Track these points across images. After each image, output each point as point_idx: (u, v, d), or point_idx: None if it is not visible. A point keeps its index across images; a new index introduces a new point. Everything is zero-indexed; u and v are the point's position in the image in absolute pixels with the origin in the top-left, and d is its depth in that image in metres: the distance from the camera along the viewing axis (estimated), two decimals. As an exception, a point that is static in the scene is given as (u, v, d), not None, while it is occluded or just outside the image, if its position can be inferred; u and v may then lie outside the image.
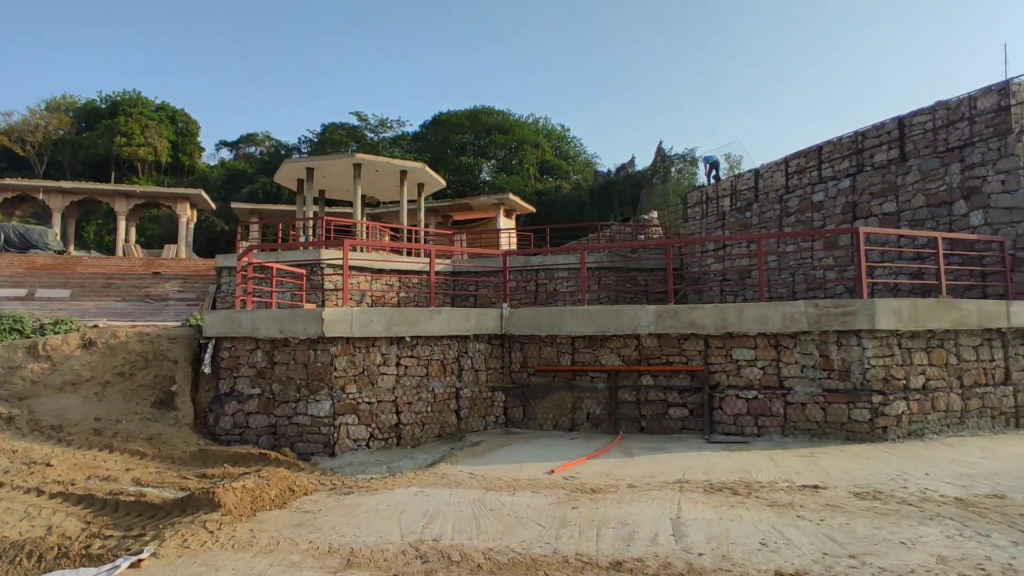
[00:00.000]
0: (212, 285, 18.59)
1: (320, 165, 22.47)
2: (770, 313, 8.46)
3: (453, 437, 9.17)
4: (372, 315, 8.81)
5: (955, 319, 8.40)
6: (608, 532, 4.91)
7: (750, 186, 16.63)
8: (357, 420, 8.57)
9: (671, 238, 20.49)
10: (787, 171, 15.22)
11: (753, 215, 15.91)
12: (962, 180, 10.70)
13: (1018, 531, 4.69)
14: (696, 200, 19.35)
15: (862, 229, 8.77)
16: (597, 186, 39.72)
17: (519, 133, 45.99)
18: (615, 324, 9.23)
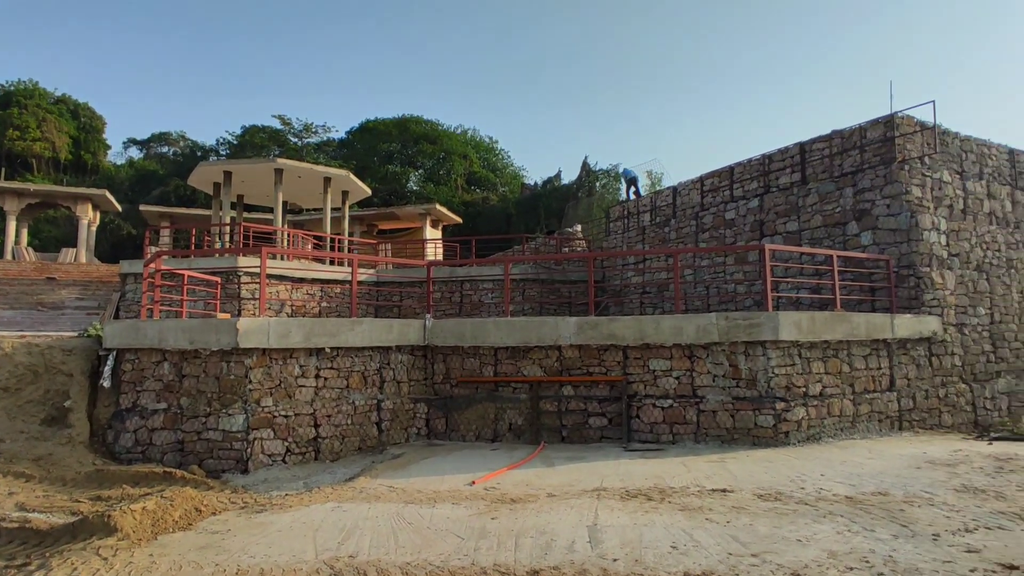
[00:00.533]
0: (116, 293, 17.46)
1: (239, 169, 21.65)
2: (685, 325, 8.87)
3: (374, 450, 9.02)
4: (290, 325, 8.57)
5: (847, 331, 9.10)
6: (527, 541, 4.99)
7: (669, 202, 17.38)
8: (273, 434, 8.29)
9: (593, 251, 21.07)
10: (702, 189, 16.02)
11: (671, 230, 16.62)
12: (854, 203, 11.63)
13: (898, 525, 5.13)
14: (618, 215, 19.99)
15: (767, 246, 9.36)
16: (524, 199, 40.28)
17: (447, 144, 46.03)
18: (537, 335, 9.39)
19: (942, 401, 10.21)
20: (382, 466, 7.90)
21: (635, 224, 18.80)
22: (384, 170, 43.25)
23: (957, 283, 10.97)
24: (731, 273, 14.35)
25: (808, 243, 12.44)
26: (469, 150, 47.84)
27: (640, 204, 18.82)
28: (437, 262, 12.54)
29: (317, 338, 8.77)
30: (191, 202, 37.46)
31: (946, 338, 10.57)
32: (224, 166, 21.69)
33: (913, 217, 10.71)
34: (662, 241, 16.88)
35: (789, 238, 12.86)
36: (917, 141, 11.53)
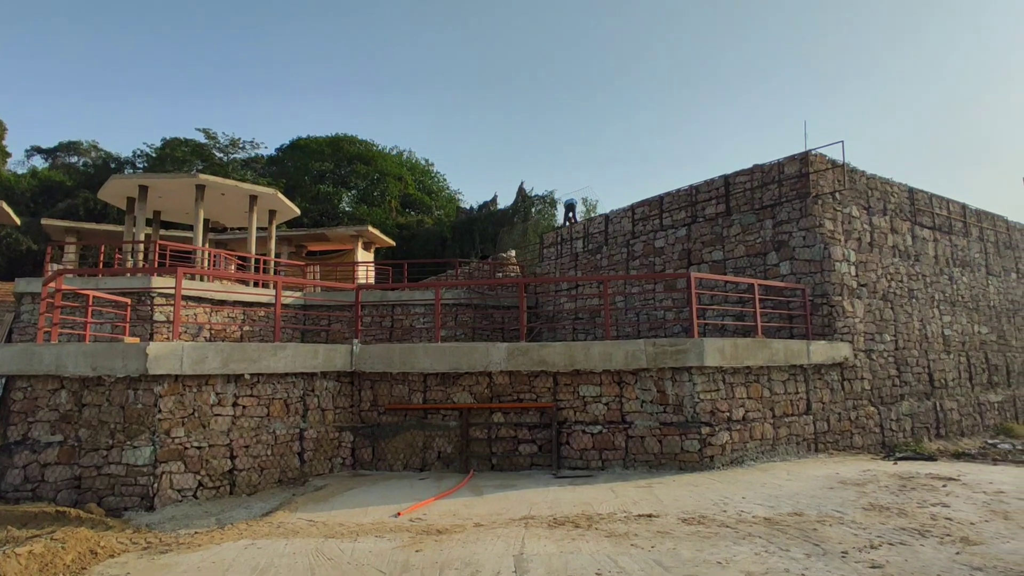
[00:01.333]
0: (9, 314, 16.22)
1: (157, 183, 20.74)
2: (614, 351, 9.07)
3: (295, 482, 8.71)
4: (207, 350, 8.22)
5: (767, 356, 9.56)
6: (450, 574, 4.92)
7: (601, 230, 17.85)
8: (183, 467, 7.86)
9: (526, 277, 21.32)
10: (633, 218, 16.57)
11: (603, 257, 17.05)
12: (774, 234, 12.32)
13: (811, 544, 5.38)
14: (552, 241, 20.35)
15: (693, 275, 9.76)
16: (459, 222, 40.40)
17: (382, 164, 45.75)
18: (468, 361, 9.38)
19: (853, 423, 10.84)
20: (303, 499, 7.62)
21: (568, 250, 19.18)
22: (315, 190, 42.43)
23: (866, 311, 11.74)
24: (660, 300, 14.83)
25: (732, 272, 13.04)
26: (404, 172, 47.70)
27: (573, 231, 19.24)
28: (367, 285, 12.38)
29: (236, 364, 8.45)
30: (102, 217, 35.46)
31: (856, 363, 11.27)
32: (140, 180, 20.73)
33: (826, 249, 11.44)
34: (594, 268, 17.28)
35: (715, 267, 13.45)
36: (829, 178, 12.38)
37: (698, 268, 13.82)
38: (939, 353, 13.28)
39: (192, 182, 20.69)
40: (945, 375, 13.27)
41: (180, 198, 21.72)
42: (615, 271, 16.40)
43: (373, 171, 45.48)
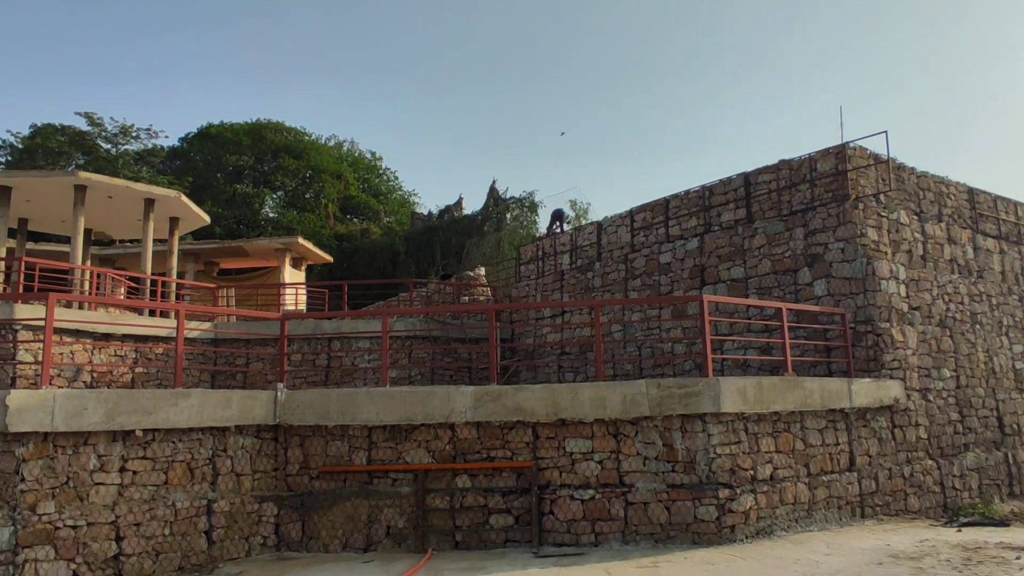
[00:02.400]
0: None
1: (23, 183, 20.48)
2: (609, 395, 9.17)
3: (202, 569, 8.59)
4: (86, 400, 8.13)
5: (800, 399, 9.74)
6: None
7: (592, 241, 18.08)
8: (54, 553, 7.72)
9: (499, 302, 21.44)
10: (633, 226, 16.82)
11: (596, 276, 17.26)
12: (806, 246, 12.63)
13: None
14: (532, 255, 20.53)
15: (707, 297, 9.94)
16: (415, 232, 40.52)
17: (316, 159, 45.78)
18: (425, 410, 9.40)
19: (907, 481, 11.05)
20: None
21: (552, 267, 19.36)
22: (230, 191, 42.26)
23: (919, 341, 12.05)
24: (667, 329, 15.03)
25: (756, 293, 13.30)
26: (345, 168, 47.80)
27: (558, 243, 19.44)
28: (297, 314, 12.36)
29: (125, 417, 8.37)
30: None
31: (909, 406, 11.53)
32: (1, 178, 20.47)
33: (870, 264, 11.76)
34: (584, 290, 17.47)
35: (734, 287, 13.71)
36: (871, 176, 12.76)
37: (713, 289, 14.06)
38: (1010, 391, 13.64)
39: (70, 181, 20.48)
40: (1018, 419, 13.62)
41: (54, 202, 21.46)
42: (610, 293, 16.59)
43: (304, 167, 45.47)
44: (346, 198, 46.68)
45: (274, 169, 45.60)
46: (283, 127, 47.83)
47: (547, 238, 20.87)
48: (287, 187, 46.40)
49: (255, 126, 46.79)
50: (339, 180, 46.11)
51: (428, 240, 38.53)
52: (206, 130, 46.60)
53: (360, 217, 47.44)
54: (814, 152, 13.17)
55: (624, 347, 15.99)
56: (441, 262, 36.74)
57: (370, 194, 49.35)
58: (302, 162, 45.27)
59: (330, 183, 45.07)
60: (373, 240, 40.90)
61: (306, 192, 45.73)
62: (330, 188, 44.92)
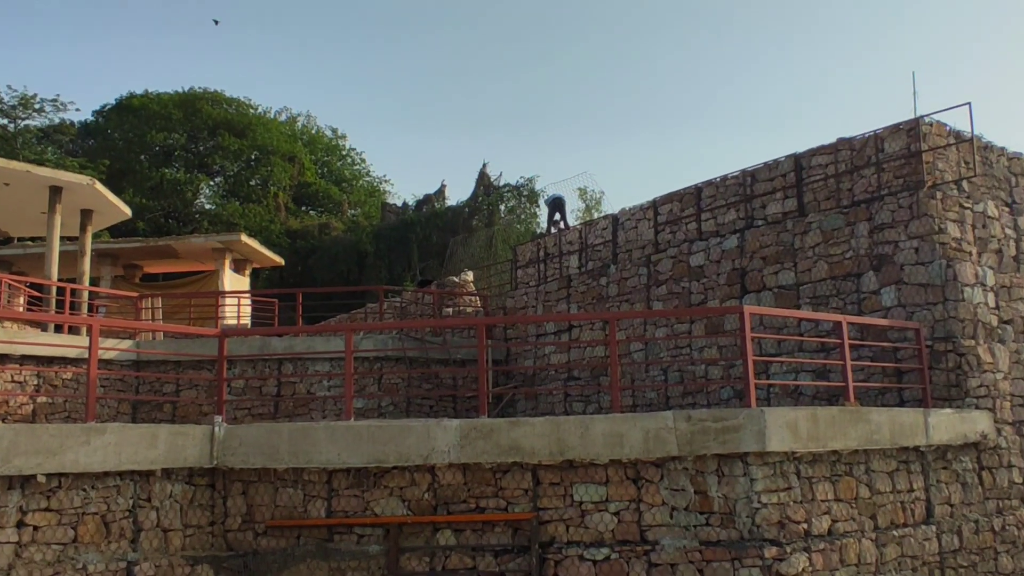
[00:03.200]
0: None
1: None
2: (627, 430, 9.14)
3: (118, 650, 8.52)
4: (-25, 439, 8.06)
5: (864, 435, 9.72)
6: None
7: (606, 239, 18.08)
8: (-66, 631, 7.65)
9: (490, 314, 21.40)
10: (656, 220, 16.84)
11: (611, 282, 17.25)
12: (870, 245, 12.65)
13: None
14: (531, 257, 20.52)
15: (749, 309, 9.94)
16: (387, 227, 40.53)
17: (263, 137, 45.82)
18: (398, 449, 9.35)
19: (998, 536, 11.04)
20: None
21: (556, 271, 19.34)
22: (157, 176, 42.27)
23: (1012, 362, 12.06)
24: (700, 349, 15.03)
25: (809, 303, 13.31)
26: (299, 148, 47.87)
27: (564, 241, 19.44)
28: (240, 330, 12.34)
29: (24, 459, 8.32)
30: None
31: (1000, 443, 11.52)
32: None
33: (950, 267, 11.79)
34: (597, 299, 17.47)
35: (783, 295, 13.72)
36: (951, 158, 12.79)
37: (757, 298, 14.07)
38: (1125, 425, 13.65)
39: (-46, 166, 20.42)
40: None
41: (-64, 192, 21.40)
42: (629, 304, 16.59)
43: (249, 147, 45.51)
44: (301, 186, 46.72)
45: (211, 150, 45.65)
46: (222, 97, 47.86)
47: (549, 235, 20.87)
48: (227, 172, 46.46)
49: (188, 96, 46.81)
50: (292, 163, 46.16)
51: (403, 237, 38.53)
52: (127, 101, 46.60)
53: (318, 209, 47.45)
54: (881, 128, 13.19)
55: (646, 371, 15.95)
56: (419, 265, 36.75)
57: (331, 181, 49.40)
58: (246, 141, 45.29)
59: (281, 167, 45.11)
60: (334, 238, 40.88)
61: (251, 178, 45.77)
62: (281, 173, 44.96)
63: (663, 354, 15.61)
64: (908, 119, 12.84)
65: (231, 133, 45.27)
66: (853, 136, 13.64)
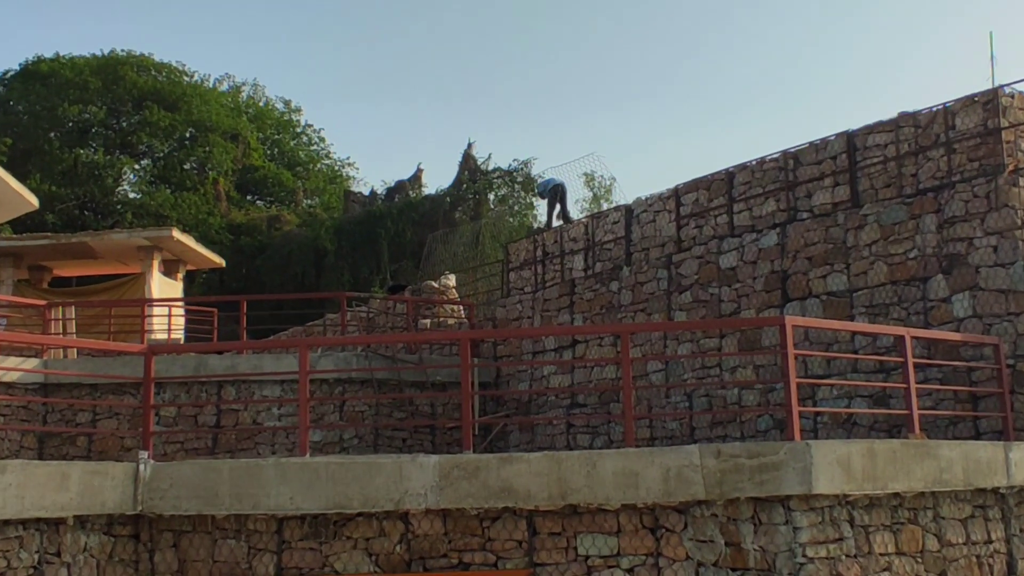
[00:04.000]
0: None
1: None
2: (643, 468, 9.09)
3: None
4: None
5: (931, 474, 9.70)
6: None
7: (618, 235, 18.07)
8: None
9: (477, 327, 21.34)
10: (679, 212, 16.83)
11: (624, 288, 17.25)
12: (940, 242, 12.67)
13: None
14: (526, 257, 20.49)
15: (791, 320, 9.91)
16: (351, 221, 40.47)
17: (200, 111, 45.75)
18: (364, 492, 9.30)
19: (1096, 600, 11.03)
20: None
21: (557, 274, 19.30)
22: (70, 158, 42.22)
23: (1113, 386, 12.06)
24: (732, 368, 15.03)
25: (865, 313, 13.32)
26: (244, 125, 47.81)
27: (566, 238, 19.42)
28: (171, 346, 12.31)
29: (-97, 505, 8.26)
30: None
31: (1099, 484, 11.52)
32: None
33: (1036, 269, 11.81)
34: (606, 307, 17.46)
35: (833, 303, 13.73)
36: (1038, 137, 12.82)
37: (801, 307, 14.09)
38: None
39: None
40: None
41: None
42: (645, 315, 16.59)
43: (183, 123, 45.44)
44: (246, 170, 46.70)
45: (136, 126, 45.55)
46: (150, 62, 47.83)
47: (549, 231, 20.85)
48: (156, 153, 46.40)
49: (108, 61, 46.74)
50: (235, 143, 46.09)
51: (370, 233, 38.44)
52: (33, 66, 46.52)
53: (267, 199, 47.49)
54: (951, 101, 13.22)
55: (667, 396, 15.94)
56: (390, 267, 36.70)
57: (282, 164, 49.39)
58: (179, 115, 45.21)
59: (222, 147, 45.05)
60: (287, 233, 40.85)
61: (185, 161, 45.71)
62: (222, 155, 44.92)
63: (687, 376, 15.60)
64: (984, 89, 12.87)
65: (161, 106, 45.18)
66: (918, 110, 13.68)
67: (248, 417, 17.78)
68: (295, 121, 53.43)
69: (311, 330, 25.32)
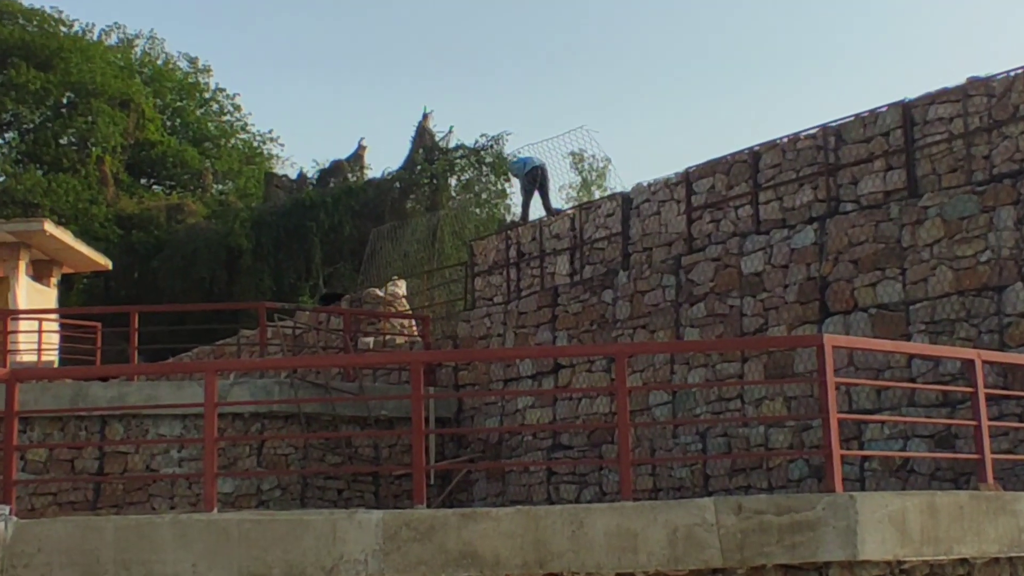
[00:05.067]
0: None
1: None
2: (643, 528, 9.07)
3: None
4: None
5: (1009, 534, 9.73)
6: None
7: (613, 231, 18.07)
8: None
9: (434, 347, 21.30)
10: (690, 202, 16.83)
11: (619, 297, 17.24)
12: (1019, 242, 12.71)
13: None
14: (496, 258, 20.47)
15: (831, 340, 9.92)
16: (273, 212, 40.36)
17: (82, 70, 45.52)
18: (288, 558, 9.24)
19: None
20: None
21: (536, 280, 19.28)
22: (-91, 132, 41.99)
23: None
24: (756, 400, 15.03)
25: (925, 331, 13.35)
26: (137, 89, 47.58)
27: (548, 234, 19.40)
28: (41, 371, 12.23)
29: None
30: None
31: None
32: None
33: None
34: (597, 324, 17.45)
35: (884, 319, 13.77)
36: None
37: (844, 323, 14.12)
38: None
39: None
40: None
41: None
42: (647, 332, 16.60)
43: (59, 85, 45.24)
44: (140, 146, 46.53)
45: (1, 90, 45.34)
46: (16, 7, 47.64)
47: (524, 225, 20.84)
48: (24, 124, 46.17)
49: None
50: (127, 111, 45.89)
51: (298, 227, 38.37)
52: None
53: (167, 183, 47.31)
54: (1032, 63, 13.29)
55: (674, 435, 15.96)
56: (323, 270, 36.65)
57: (186, 139, 49.26)
58: (54, 76, 45.02)
59: (108, 117, 44.83)
60: (192, 227, 40.77)
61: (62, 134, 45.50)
62: (108, 126, 44.70)
63: (700, 410, 15.61)
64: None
65: (30, 63, 44.96)
66: (991, 75, 13.72)
67: (140, 462, 17.65)
68: (202, 84, 53.24)
69: (221, 351, 25.24)
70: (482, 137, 40.24)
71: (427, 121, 41.34)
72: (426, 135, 41.00)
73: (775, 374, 14.75)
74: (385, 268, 31.74)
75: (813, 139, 15.40)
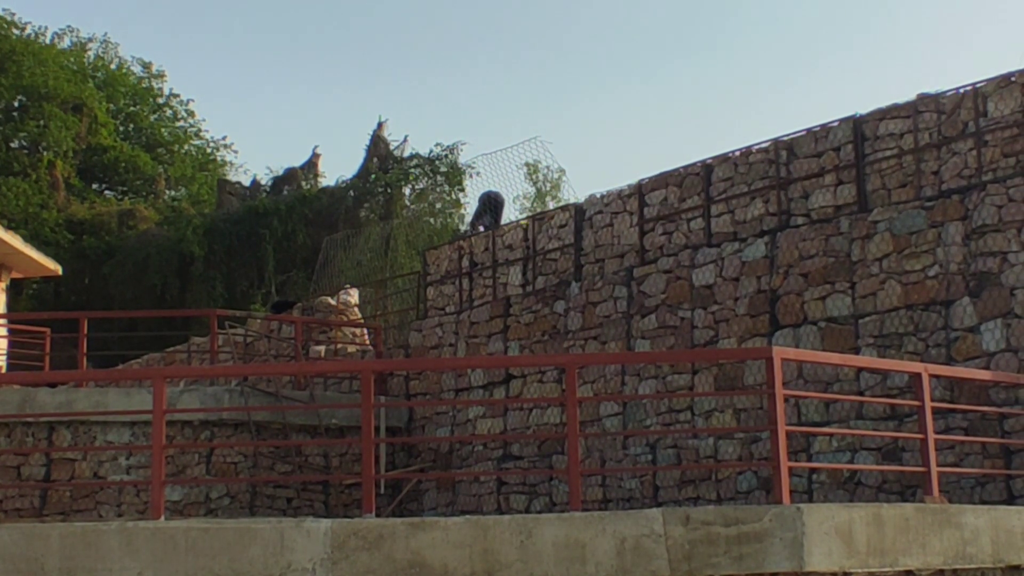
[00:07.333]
0: None
1: None
2: (591, 538, 9.06)
3: None
4: None
5: (954, 547, 9.77)
6: None
7: (566, 242, 18.07)
8: None
9: (385, 356, 21.22)
10: (643, 214, 16.85)
11: (572, 309, 17.23)
12: (966, 257, 12.80)
13: None
14: (449, 268, 20.42)
15: (780, 352, 9.94)
16: (226, 219, 40.16)
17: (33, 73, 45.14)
18: (235, 566, 9.17)
19: None
20: None
21: (488, 291, 19.24)
22: None
23: None
24: (706, 412, 15.06)
25: (873, 344, 13.42)
26: (90, 93, 47.20)
27: (501, 244, 19.37)
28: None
29: None
30: None
31: None
32: None
33: (1086, 293, 12.02)
34: (549, 335, 17.43)
35: (834, 333, 13.82)
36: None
37: (794, 335, 14.17)
38: None
39: None
40: None
41: None
42: (599, 343, 16.60)
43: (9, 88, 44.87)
44: (92, 151, 46.18)
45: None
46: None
47: (478, 234, 20.82)
48: (-26, 126, 45.68)
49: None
50: (79, 115, 45.54)
51: (250, 235, 38.19)
52: None
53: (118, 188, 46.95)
54: (982, 81, 13.39)
55: (624, 446, 15.96)
56: (275, 278, 36.49)
57: (139, 144, 48.91)
58: (4, 79, 44.65)
59: (60, 121, 44.49)
60: (143, 234, 40.47)
61: (12, 138, 45.08)
62: (60, 131, 44.35)
63: (650, 421, 15.63)
64: (1017, 69, 13.06)
65: (-19, 66, 44.60)
66: (941, 92, 13.82)
67: (87, 469, 17.51)
68: (156, 89, 52.91)
69: (172, 358, 25.08)
70: (437, 147, 40.32)
71: (382, 130, 41.28)
72: (381, 144, 40.93)
73: (725, 386, 14.80)
74: (338, 276, 31.65)
75: (765, 153, 15.47)
